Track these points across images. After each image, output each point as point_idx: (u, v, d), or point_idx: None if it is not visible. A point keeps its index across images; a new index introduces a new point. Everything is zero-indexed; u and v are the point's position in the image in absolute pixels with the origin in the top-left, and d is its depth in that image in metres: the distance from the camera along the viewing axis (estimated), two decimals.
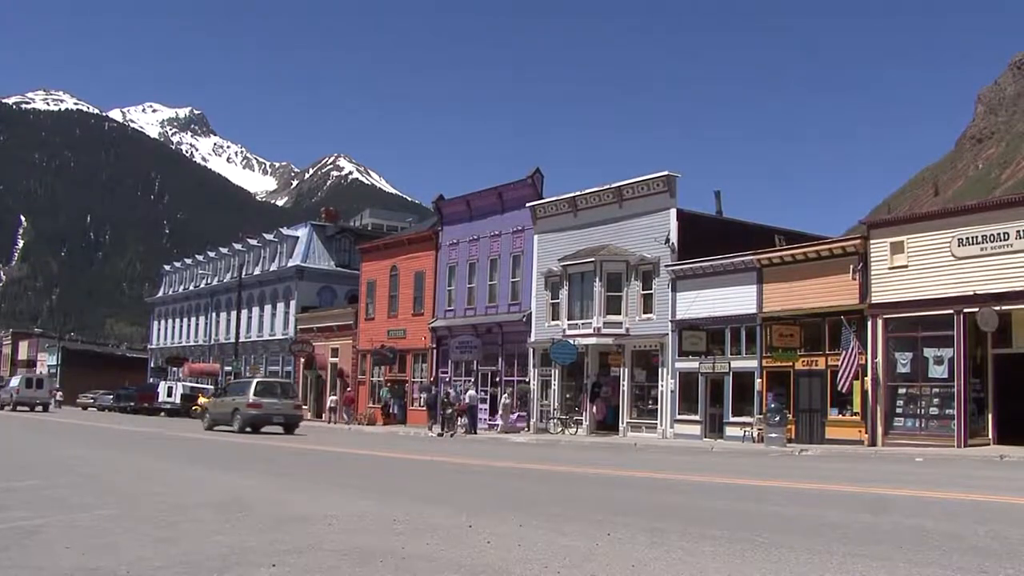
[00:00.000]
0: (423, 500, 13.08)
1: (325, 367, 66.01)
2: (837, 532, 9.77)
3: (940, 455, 28.34)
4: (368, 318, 63.08)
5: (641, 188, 45.48)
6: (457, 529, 9.67)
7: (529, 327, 50.48)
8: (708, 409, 41.39)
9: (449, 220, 57.62)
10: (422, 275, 58.85)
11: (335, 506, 11.87)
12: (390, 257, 61.86)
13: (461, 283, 56.05)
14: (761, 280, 39.19)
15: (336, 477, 18.15)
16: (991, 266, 31.66)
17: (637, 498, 14.48)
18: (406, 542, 8.70)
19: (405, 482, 17.34)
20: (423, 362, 58.42)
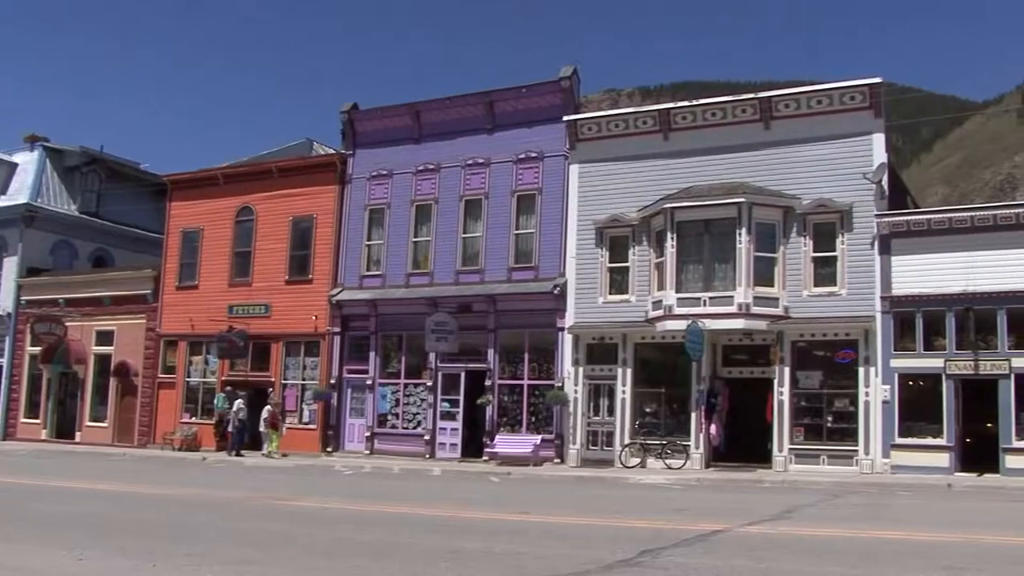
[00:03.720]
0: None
1: (85, 360, 42.56)
2: None
3: None
4: (182, 287, 40.95)
5: (815, 101, 30.96)
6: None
7: (562, 304, 32.99)
8: (960, 430, 28.58)
9: (371, 141, 38.22)
10: (310, 223, 38.31)
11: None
12: (236, 194, 40.43)
13: (397, 235, 37.02)
14: None
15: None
16: None
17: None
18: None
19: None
20: (311, 354, 37.67)
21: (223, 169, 42.16)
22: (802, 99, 31.30)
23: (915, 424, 28.71)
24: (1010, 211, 28.95)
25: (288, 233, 38.68)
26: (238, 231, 40.03)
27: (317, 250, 38.07)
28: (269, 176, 39.59)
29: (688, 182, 31.74)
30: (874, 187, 29.52)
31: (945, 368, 28.33)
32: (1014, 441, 27.27)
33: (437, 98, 37.35)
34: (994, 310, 27.96)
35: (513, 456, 32.03)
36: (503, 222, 34.86)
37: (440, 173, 36.32)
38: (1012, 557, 11.18)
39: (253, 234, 39.61)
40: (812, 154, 30.64)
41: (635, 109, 36.33)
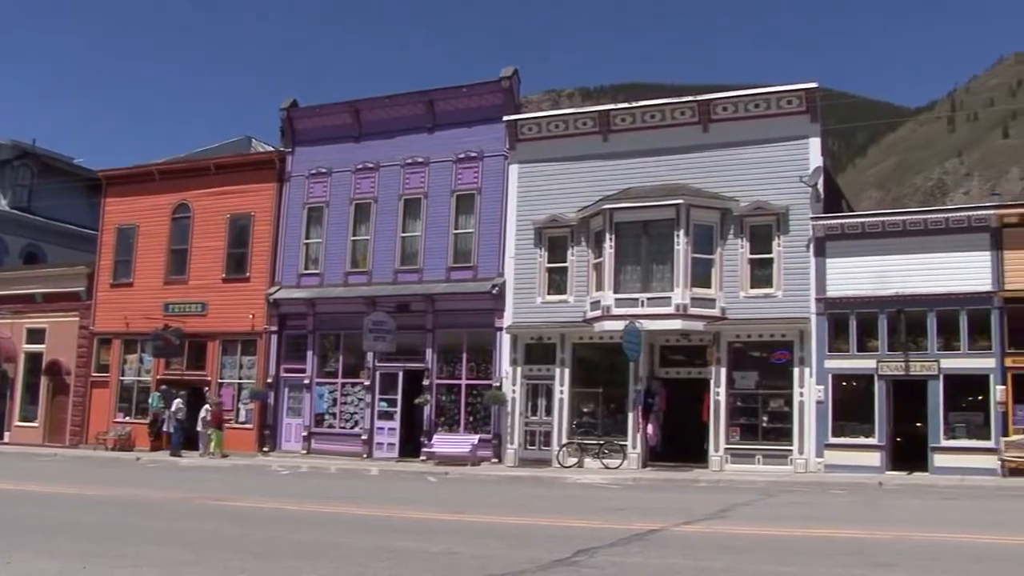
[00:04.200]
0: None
1: (15, 359, 41.73)
2: None
3: None
4: (117, 284, 40.22)
5: (753, 105, 31.35)
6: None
7: (500, 304, 33.00)
8: (891, 429, 29.22)
9: (310, 138, 37.90)
10: (248, 220, 37.87)
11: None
12: (172, 191, 39.79)
13: (336, 234, 36.71)
14: (1000, 245, 28.20)
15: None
16: None
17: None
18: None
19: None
20: (248, 353, 37.23)
21: (160, 165, 41.55)
22: (740, 102, 31.66)
23: (848, 424, 29.15)
24: (941, 215, 29.55)
25: (225, 231, 38.20)
26: (174, 228, 39.44)
27: (255, 248, 37.62)
28: (207, 173, 39.08)
29: (627, 183, 31.88)
30: (810, 190, 29.88)
31: (877, 369, 28.80)
32: (942, 440, 27.83)
33: (377, 96, 37.13)
34: (925, 312, 28.46)
35: (451, 456, 31.97)
36: (442, 222, 34.74)
37: (379, 172, 36.10)
38: (938, 553, 11.35)
39: (190, 231, 39.05)
40: (749, 157, 30.93)
41: (575, 110, 36.55)
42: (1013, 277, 27.57)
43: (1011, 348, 27.34)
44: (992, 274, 27.76)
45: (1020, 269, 27.63)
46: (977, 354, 27.62)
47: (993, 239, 27.95)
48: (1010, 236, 27.85)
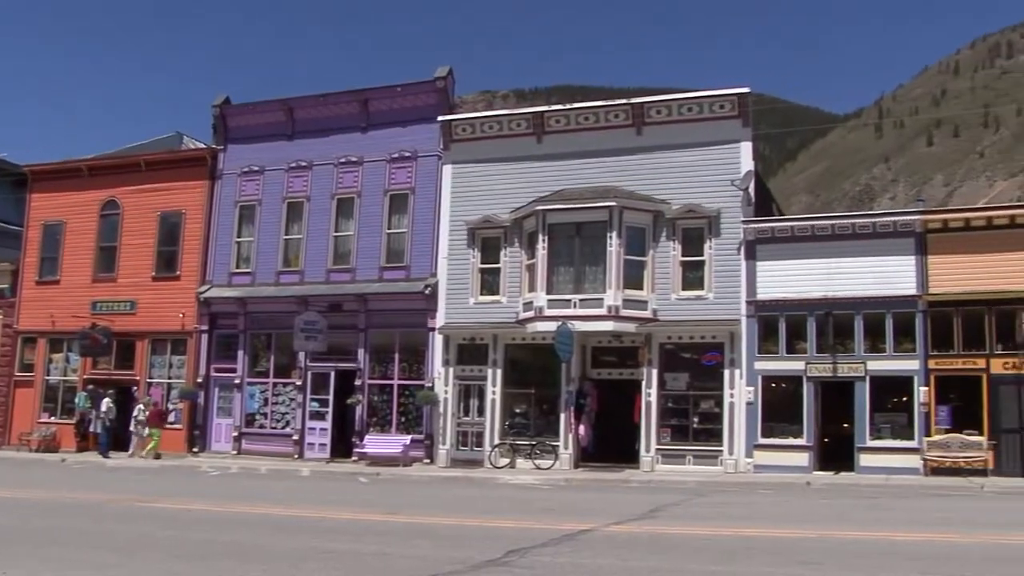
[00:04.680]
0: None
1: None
2: None
3: None
4: (42, 281, 39.43)
5: (686, 109, 31.61)
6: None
7: (433, 305, 32.92)
8: (819, 430, 29.71)
9: (243, 136, 37.49)
10: (178, 218, 37.43)
11: None
12: (101, 187, 39.06)
13: (268, 233, 36.33)
14: (924, 250, 28.76)
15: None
16: None
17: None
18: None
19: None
20: (178, 353, 36.76)
21: (88, 161, 40.81)
22: (673, 106, 31.88)
23: (777, 425, 29.44)
24: (868, 220, 30.03)
25: (156, 228, 37.61)
26: (103, 225, 38.75)
27: (185, 246, 37.11)
28: (136, 169, 38.43)
29: (560, 185, 31.93)
30: (741, 194, 30.18)
31: (806, 371, 29.14)
32: (868, 441, 28.29)
33: (311, 95, 36.84)
34: (852, 315, 28.86)
35: (383, 456, 31.83)
36: (375, 221, 34.54)
37: (313, 171, 35.81)
38: (861, 551, 11.54)
39: (119, 229, 38.38)
40: (682, 160, 31.14)
41: (509, 111, 36.52)
42: (937, 281, 28.11)
43: (934, 350, 27.88)
44: (917, 278, 28.28)
45: (943, 273, 28.18)
46: (902, 356, 28.11)
47: (918, 244, 28.49)
48: (934, 241, 28.41)
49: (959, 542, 12.55)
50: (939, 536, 13.26)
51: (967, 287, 27.71)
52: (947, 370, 27.81)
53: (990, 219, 28.86)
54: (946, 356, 27.82)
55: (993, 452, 26.87)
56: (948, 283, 28.00)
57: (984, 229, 28.36)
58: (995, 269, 27.60)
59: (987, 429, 27.08)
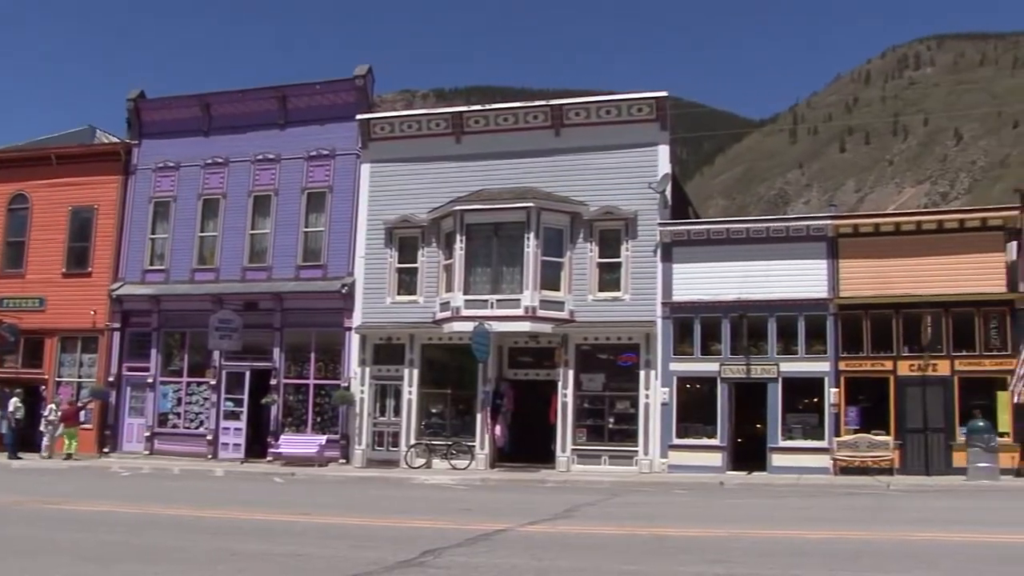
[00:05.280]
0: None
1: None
2: None
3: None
4: None
5: (604, 111, 31.88)
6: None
7: (350, 304, 32.87)
8: (732, 430, 30.22)
9: (158, 131, 36.87)
10: (91, 214, 36.71)
11: None
12: (9, 180, 38.16)
13: (183, 229, 35.89)
14: (835, 254, 29.48)
15: None
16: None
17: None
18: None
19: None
20: (89, 351, 36.03)
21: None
22: (592, 108, 32.12)
23: (691, 425, 29.85)
24: (782, 224, 30.58)
25: (66, 224, 36.86)
26: (11, 220, 37.89)
27: (98, 242, 36.43)
28: (47, 163, 37.52)
29: (479, 185, 32.00)
30: (658, 196, 30.54)
31: (720, 372, 29.60)
32: (780, 441, 28.79)
33: (228, 90, 36.58)
34: (765, 317, 29.38)
35: (298, 456, 31.58)
36: (292, 219, 34.29)
37: (229, 167, 35.43)
38: (772, 549, 11.69)
39: (28, 223, 37.54)
40: (600, 162, 31.42)
41: (428, 111, 36.61)
42: (847, 285, 28.72)
43: (844, 352, 28.46)
44: (828, 282, 28.85)
45: (854, 277, 28.83)
46: (813, 358, 28.65)
47: (829, 248, 29.08)
48: (845, 245, 29.01)
49: (867, 539, 12.79)
50: (847, 533, 13.52)
51: (876, 291, 28.34)
52: (856, 372, 28.45)
53: (898, 225, 29.55)
54: (855, 358, 28.44)
55: (899, 451, 27.55)
56: (858, 287, 28.61)
57: (892, 235, 29.04)
58: (902, 274, 28.28)
59: (894, 429, 27.76)
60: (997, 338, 27.78)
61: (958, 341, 27.93)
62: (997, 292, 27.69)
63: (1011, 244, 28.05)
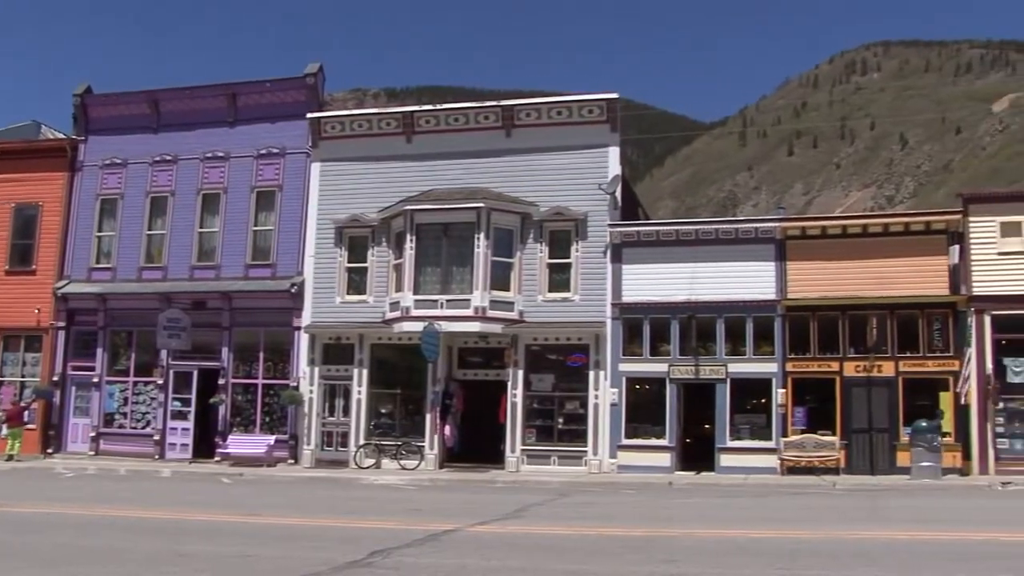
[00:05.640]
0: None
1: None
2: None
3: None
4: None
5: (555, 112, 31.96)
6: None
7: (299, 303, 32.66)
8: (681, 431, 30.30)
9: (105, 127, 36.35)
10: (35, 210, 36.12)
11: None
12: None
13: (130, 227, 35.37)
14: (783, 256, 29.70)
15: None
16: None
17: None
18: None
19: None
20: (33, 350, 35.58)
21: None
22: (543, 109, 32.13)
23: (640, 426, 29.91)
24: (731, 226, 30.79)
25: (10, 220, 36.16)
26: None
27: (42, 240, 35.77)
28: None
29: (429, 185, 31.91)
30: (608, 198, 30.63)
31: (669, 372, 29.68)
32: (728, 441, 28.94)
33: (178, 87, 36.18)
34: (714, 318, 29.52)
35: (246, 456, 31.32)
36: (241, 218, 33.94)
37: (178, 165, 34.98)
38: (720, 549, 11.85)
39: None
40: (551, 163, 31.42)
41: (379, 110, 36.31)
42: (795, 287, 28.99)
43: (792, 354, 28.72)
44: (776, 284, 29.10)
45: (801, 279, 29.09)
46: (761, 359, 28.89)
47: (778, 250, 29.32)
48: (793, 248, 29.28)
49: (811, 538, 12.97)
50: (793, 532, 13.69)
51: (823, 293, 28.63)
52: (803, 373, 28.70)
53: (845, 228, 29.88)
54: (803, 359, 28.70)
55: (845, 451, 27.84)
56: (805, 289, 28.89)
57: (839, 237, 29.34)
58: (849, 276, 28.59)
59: (840, 429, 28.04)
60: (940, 340, 28.19)
61: (902, 343, 28.30)
62: (940, 295, 28.11)
63: (954, 248, 28.51)
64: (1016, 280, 27.49)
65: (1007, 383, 27.51)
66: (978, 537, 13.05)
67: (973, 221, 28.27)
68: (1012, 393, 27.48)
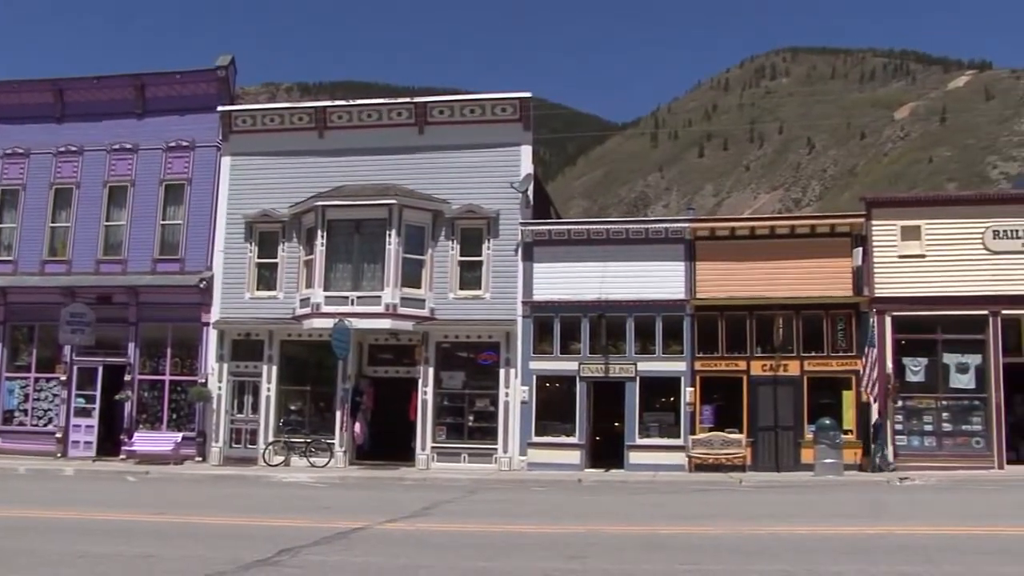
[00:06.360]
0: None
1: None
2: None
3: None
4: None
5: (468, 110, 32.06)
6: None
7: (208, 299, 32.30)
8: (591, 429, 30.58)
9: (6, 116, 35.38)
10: None
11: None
12: None
13: (33, 219, 34.52)
14: (693, 257, 30.18)
15: None
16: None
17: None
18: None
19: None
20: None
21: None
22: (456, 107, 32.21)
23: (550, 423, 30.07)
24: (641, 226, 31.10)
25: None
26: None
27: None
28: None
29: (341, 181, 31.72)
30: (520, 196, 30.74)
31: (579, 371, 29.91)
32: (637, 439, 29.24)
33: (84, 76, 35.30)
34: (624, 317, 29.80)
35: (153, 454, 30.79)
36: (149, 212, 33.36)
37: (83, 156, 34.24)
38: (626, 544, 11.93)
39: None
40: (463, 161, 31.46)
41: (291, 104, 36.11)
42: (703, 287, 29.40)
43: (700, 352, 29.12)
44: (685, 283, 29.48)
45: (710, 279, 29.51)
46: (670, 358, 29.25)
47: (687, 251, 29.71)
48: (702, 248, 29.69)
49: (716, 533, 13.16)
50: (698, 528, 13.90)
51: (731, 293, 29.09)
52: (711, 371, 29.13)
53: (753, 229, 30.38)
54: (711, 358, 29.12)
55: (751, 449, 28.33)
56: (714, 289, 29.32)
57: (747, 238, 29.83)
58: (756, 276, 29.07)
59: (746, 427, 28.53)
60: (844, 340, 28.82)
61: (808, 342, 28.88)
62: (844, 296, 28.74)
63: (857, 250, 29.14)
64: (915, 282, 28.23)
65: (905, 382, 28.20)
66: (875, 531, 13.37)
67: (875, 225, 28.93)
68: (910, 391, 28.19)
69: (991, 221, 28.44)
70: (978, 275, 28.02)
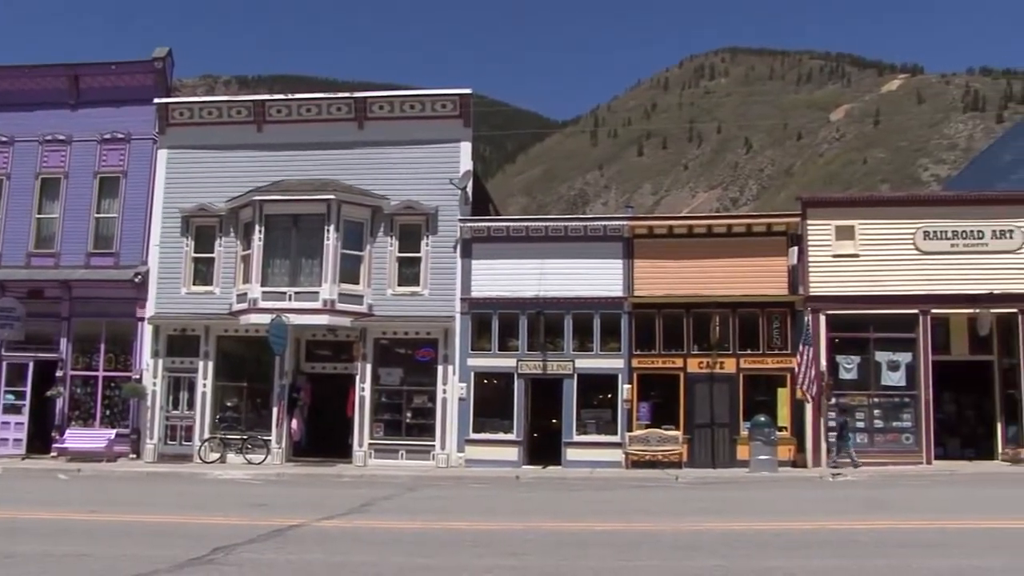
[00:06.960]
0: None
1: None
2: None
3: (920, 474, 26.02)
4: None
5: (408, 106, 31.97)
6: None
7: (143, 294, 31.89)
8: (528, 426, 30.65)
9: None
10: None
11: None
12: None
13: None
14: (631, 254, 30.39)
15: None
16: (963, 265, 28.76)
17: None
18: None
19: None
20: None
21: None
22: (396, 102, 32.08)
23: (488, 420, 30.06)
24: (580, 224, 31.13)
25: None
26: None
27: None
28: None
29: (280, 176, 31.41)
30: (459, 193, 30.69)
31: (517, 368, 29.91)
32: (575, 436, 29.35)
33: (14, 65, 34.60)
34: (562, 315, 29.86)
35: (85, 451, 30.31)
36: (83, 204, 32.76)
37: (14, 147, 33.54)
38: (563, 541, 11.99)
39: None
40: (403, 157, 31.34)
41: (230, 98, 35.77)
42: (641, 285, 29.56)
43: (637, 350, 29.29)
44: (623, 281, 29.63)
45: (648, 277, 29.68)
46: (608, 355, 29.38)
47: (625, 248, 29.86)
48: (640, 246, 29.86)
49: (652, 530, 13.28)
50: (635, 525, 14.00)
51: (668, 291, 29.28)
52: (648, 369, 29.31)
53: (690, 228, 30.60)
54: (648, 356, 29.31)
55: (688, 445, 28.54)
56: (652, 287, 29.50)
57: (685, 237, 30.05)
58: (694, 275, 29.31)
59: (683, 424, 28.74)
60: (779, 338, 29.15)
61: (744, 340, 29.18)
62: (779, 295, 29.08)
63: (793, 249, 29.55)
64: (849, 281, 28.66)
65: (839, 379, 28.60)
66: (808, 526, 13.55)
67: (811, 224, 29.29)
68: (843, 389, 28.60)
69: (922, 222, 28.94)
70: (909, 275, 28.51)
